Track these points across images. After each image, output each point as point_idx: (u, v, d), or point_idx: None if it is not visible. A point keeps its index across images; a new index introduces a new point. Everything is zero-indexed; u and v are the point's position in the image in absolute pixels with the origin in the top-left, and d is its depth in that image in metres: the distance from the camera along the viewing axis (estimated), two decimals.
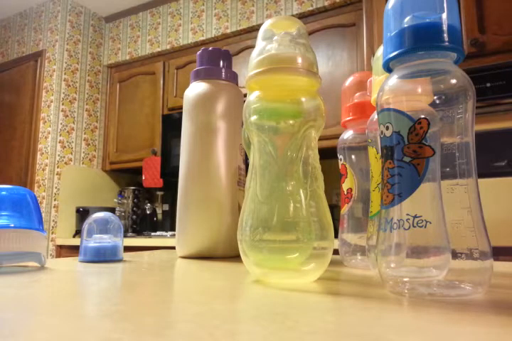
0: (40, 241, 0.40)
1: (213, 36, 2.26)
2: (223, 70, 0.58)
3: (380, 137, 0.28)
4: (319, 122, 0.33)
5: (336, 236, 0.43)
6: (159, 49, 2.43)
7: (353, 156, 0.47)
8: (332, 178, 0.86)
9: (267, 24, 0.35)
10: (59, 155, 2.32)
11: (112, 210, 2.29)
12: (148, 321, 0.19)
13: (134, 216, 2.38)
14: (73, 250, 2.16)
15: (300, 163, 0.32)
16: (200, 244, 0.53)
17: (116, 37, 2.63)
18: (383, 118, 0.28)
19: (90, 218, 0.47)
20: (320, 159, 0.34)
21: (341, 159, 0.48)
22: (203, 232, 0.53)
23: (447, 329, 0.18)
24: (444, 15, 0.26)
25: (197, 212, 0.54)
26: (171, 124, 2.23)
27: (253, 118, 0.33)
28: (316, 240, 0.31)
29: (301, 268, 0.31)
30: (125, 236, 2.06)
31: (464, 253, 0.24)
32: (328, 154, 1.00)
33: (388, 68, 0.29)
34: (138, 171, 2.47)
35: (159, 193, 2.52)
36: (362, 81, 0.49)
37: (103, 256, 0.46)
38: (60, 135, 2.34)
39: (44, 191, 2.25)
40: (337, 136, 0.56)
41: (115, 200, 2.43)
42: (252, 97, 0.34)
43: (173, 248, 0.59)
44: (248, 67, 0.35)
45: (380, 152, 0.29)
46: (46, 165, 2.27)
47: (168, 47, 2.40)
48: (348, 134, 0.47)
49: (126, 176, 2.69)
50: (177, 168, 0.58)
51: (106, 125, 2.59)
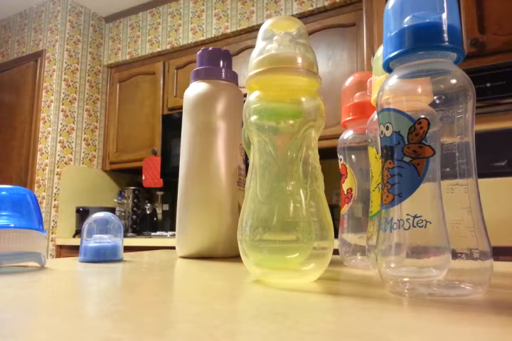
0: (40, 241, 0.40)
1: (213, 36, 2.26)
2: (223, 70, 0.58)
3: (380, 137, 0.28)
4: (319, 122, 0.33)
5: (336, 236, 0.43)
6: (159, 49, 2.43)
7: (353, 156, 0.47)
8: (332, 178, 0.86)
9: (267, 24, 0.35)
10: (59, 155, 2.32)
11: (112, 210, 2.29)
12: (148, 321, 0.19)
13: (134, 216, 2.38)
14: (73, 250, 2.17)
15: (300, 163, 0.32)
16: (200, 244, 0.53)
17: (116, 37, 2.63)
18: (383, 118, 0.28)
19: (90, 218, 0.47)
20: (320, 159, 0.34)
21: (341, 159, 0.48)
22: (203, 232, 0.53)
23: (447, 329, 0.18)
24: (444, 15, 0.26)
25: (197, 212, 0.54)
26: (171, 124, 2.23)
27: (253, 118, 0.33)
28: (316, 240, 0.31)
29: (301, 268, 0.31)
30: (125, 236, 2.06)
31: (464, 253, 0.24)
32: (328, 154, 1.00)
33: (388, 68, 0.29)
34: (138, 171, 2.47)
35: (159, 193, 2.52)
36: (362, 81, 0.49)
37: (103, 256, 0.46)
38: (60, 135, 2.34)
39: (44, 191, 2.25)
40: (337, 136, 0.56)
41: (115, 200, 2.43)
42: (252, 97, 0.34)
43: (173, 248, 0.59)
44: (248, 67, 0.35)
45: (380, 152, 0.29)
46: (46, 165, 2.27)
47: (168, 47, 2.40)
48: (348, 134, 0.47)
49: (126, 176, 2.69)
50: (177, 168, 0.58)
51: (106, 125, 2.59)
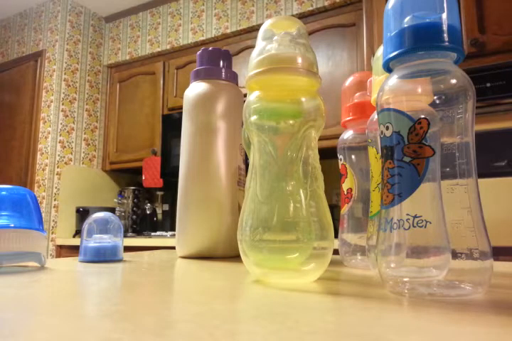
0: (40, 241, 0.40)
1: (213, 36, 2.26)
2: (223, 70, 0.58)
3: (380, 137, 0.28)
4: (319, 122, 0.33)
5: (336, 236, 0.43)
6: (159, 49, 2.43)
7: (353, 156, 0.47)
8: (332, 178, 0.86)
9: (267, 24, 0.35)
10: (59, 155, 2.32)
11: (112, 210, 2.29)
12: (148, 321, 0.19)
13: (134, 216, 2.38)
14: (73, 250, 2.17)
15: (300, 163, 0.32)
16: (200, 244, 0.53)
17: (116, 37, 2.63)
18: (383, 118, 0.28)
19: (90, 218, 0.47)
20: (320, 159, 0.34)
21: (341, 159, 0.48)
22: (203, 232, 0.53)
23: (447, 329, 0.18)
24: (444, 15, 0.26)
25: (197, 212, 0.54)
26: (171, 124, 2.23)
27: (253, 118, 0.33)
28: (316, 240, 0.31)
29: (301, 268, 0.31)
30: (125, 236, 2.06)
31: (464, 253, 0.24)
32: (328, 154, 1.00)
33: (388, 68, 0.29)
34: (138, 171, 2.47)
35: (159, 193, 2.52)
36: (362, 81, 0.49)
37: (103, 256, 0.46)
38: (60, 135, 2.34)
39: (44, 191, 2.25)
40: (337, 136, 0.56)
41: (115, 200, 2.43)
42: (252, 97, 0.34)
43: (173, 248, 0.59)
44: (248, 67, 0.35)
45: (380, 152, 0.29)
46: (46, 165, 2.27)
47: (168, 47, 2.40)
48: (348, 134, 0.47)
49: (126, 176, 2.69)
50: (177, 168, 0.58)
51: (106, 125, 2.59)
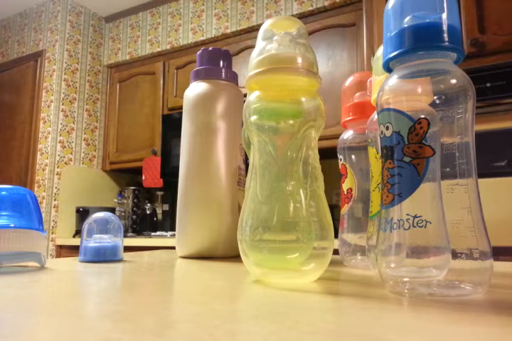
0: (40, 241, 0.40)
1: (213, 36, 2.26)
2: (223, 70, 0.58)
3: (380, 137, 0.28)
4: (319, 122, 0.33)
5: (336, 236, 0.43)
6: (159, 49, 2.43)
7: (353, 156, 0.47)
8: (332, 178, 0.86)
9: (267, 24, 0.35)
10: (59, 155, 2.32)
11: (112, 210, 2.29)
12: (148, 321, 0.19)
13: (134, 216, 2.38)
14: (73, 250, 2.17)
15: (300, 163, 0.32)
16: (200, 244, 0.53)
17: (116, 37, 2.63)
18: (383, 118, 0.28)
19: (90, 218, 0.47)
20: (320, 159, 0.34)
21: (341, 159, 0.48)
22: (203, 232, 0.53)
23: (447, 329, 0.18)
24: (444, 15, 0.26)
25: (197, 212, 0.54)
26: (171, 124, 2.23)
27: (253, 118, 0.33)
28: (316, 240, 0.31)
29: (301, 268, 0.31)
30: (125, 236, 2.06)
31: (464, 253, 0.24)
32: (328, 154, 1.00)
33: (388, 68, 0.29)
34: (138, 171, 2.47)
35: (159, 193, 2.52)
36: (362, 81, 0.49)
37: (103, 256, 0.46)
38: (60, 135, 2.34)
39: (44, 191, 2.25)
40: (337, 136, 0.56)
41: (115, 200, 2.43)
42: (252, 97, 0.34)
43: (173, 248, 0.59)
44: (248, 67, 0.35)
45: (380, 152, 0.29)
46: (46, 165, 2.27)
47: (168, 47, 2.40)
48: (348, 134, 0.47)
49: (126, 176, 2.69)
50: (177, 168, 0.58)
51: (106, 125, 2.59)
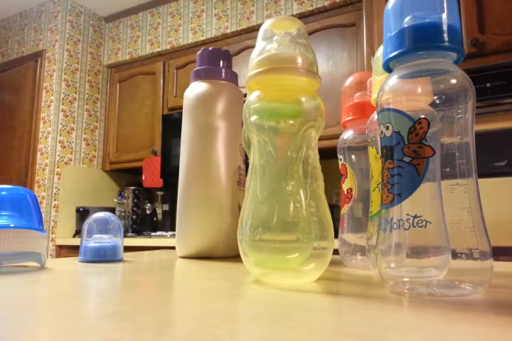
0: (40, 241, 0.40)
1: (213, 36, 2.26)
2: (223, 70, 0.58)
3: (380, 137, 0.28)
4: (319, 122, 0.33)
5: (336, 236, 0.43)
6: (159, 49, 2.43)
7: (353, 156, 0.47)
8: (332, 178, 0.86)
9: (267, 24, 0.35)
10: (59, 155, 2.32)
11: (112, 210, 2.29)
12: (148, 321, 0.19)
13: (134, 216, 2.38)
14: (73, 250, 2.16)
15: (300, 163, 0.32)
16: (200, 244, 0.53)
17: (116, 37, 2.63)
18: (383, 118, 0.28)
19: (90, 218, 0.47)
20: (320, 159, 0.34)
21: (341, 159, 0.48)
22: (203, 232, 0.53)
23: (447, 329, 0.18)
24: (444, 15, 0.26)
25: (197, 212, 0.54)
26: (171, 124, 2.23)
27: (253, 118, 0.33)
28: (316, 240, 0.31)
29: (301, 268, 0.31)
30: (125, 236, 2.06)
31: (464, 253, 0.24)
32: (328, 154, 1.00)
33: (388, 68, 0.29)
34: (138, 171, 2.47)
35: (159, 193, 2.52)
36: (362, 81, 0.49)
37: (103, 256, 0.46)
38: (60, 135, 2.34)
39: (44, 191, 2.25)
40: (337, 136, 0.56)
41: (115, 200, 2.43)
42: (252, 97, 0.34)
43: (173, 248, 0.59)
44: (248, 67, 0.35)
45: (380, 152, 0.29)
46: (46, 165, 2.27)
47: (168, 47, 2.40)
48: (348, 134, 0.47)
49: (126, 176, 2.69)
50: (177, 168, 0.58)
51: (106, 125, 2.59)
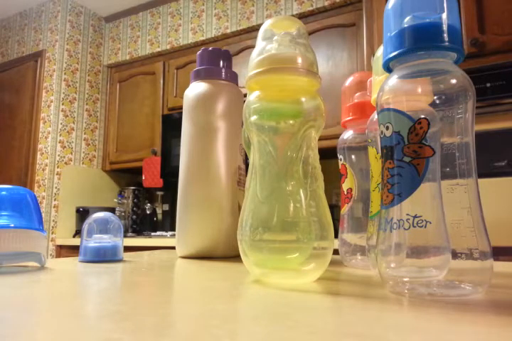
0: (40, 241, 0.40)
1: (213, 36, 2.26)
2: (223, 70, 0.58)
3: (380, 137, 0.28)
4: (319, 122, 0.33)
5: (336, 236, 0.43)
6: (159, 49, 2.43)
7: (353, 156, 0.47)
8: (332, 178, 0.86)
9: (267, 24, 0.35)
10: (59, 155, 2.32)
11: (112, 210, 2.29)
12: (148, 321, 0.19)
13: (134, 216, 2.38)
14: (73, 250, 2.16)
15: (300, 163, 0.32)
16: (200, 244, 0.53)
17: (116, 37, 2.63)
18: (383, 118, 0.28)
19: (90, 218, 0.47)
20: (320, 159, 0.34)
21: (341, 159, 0.48)
22: (203, 232, 0.53)
23: (447, 329, 0.18)
24: (444, 15, 0.26)
25: (197, 212, 0.54)
26: (171, 124, 2.23)
27: (253, 118, 0.33)
28: (316, 240, 0.31)
29: (301, 268, 0.31)
30: (125, 236, 2.06)
31: (464, 253, 0.24)
32: (328, 154, 1.00)
33: (388, 68, 0.29)
34: (138, 171, 2.47)
35: (159, 193, 2.52)
36: (362, 81, 0.49)
37: (103, 256, 0.46)
38: (60, 135, 2.34)
39: (44, 191, 2.25)
40: (337, 136, 0.56)
41: (115, 200, 2.43)
42: (252, 97, 0.34)
43: (173, 248, 0.59)
44: (248, 67, 0.35)
45: (380, 152, 0.29)
46: (46, 165, 2.27)
47: (168, 47, 2.40)
48: (348, 134, 0.47)
49: (126, 176, 2.69)
50: (177, 168, 0.58)
51: (106, 125, 2.59)
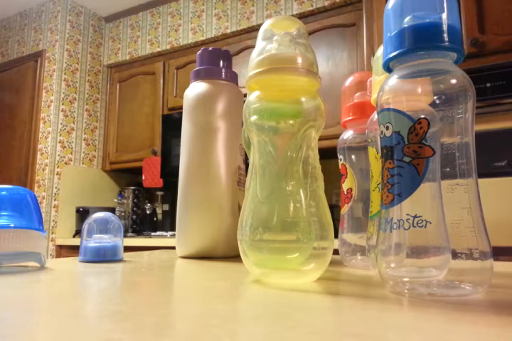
0: (40, 241, 0.40)
1: (213, 36, 2.26)
2: (223, 70, 0.58)
3: (380, 137, 0.28)
4: (319, 122, 0.33)
5: (336, 236, 0.43)
6: (159, 49, 2.43)
7: (353, 156, 0.47)
8: (332, 178, 0.86)
9: (267, 24, 0.35)
10: (59, 155, 2.32)
11: (112, 210, 2.29)
12: (148, 321, 0.19)
13: (134, 216, 2.38)
14: (73, 250, 2.16)
15: (300, 163, 0.32)
16: (200, 244, 0.53)
17: (116, 37, 2.63)
18: (383, 118, 0.28)
19: (90, 218, 0.47)
20: (320, 159, 0.34)
21: (341, 159, 0.48)
22: (203, 232, 0.53)
23: (447, 329, 0.18)
24: (444, 15, 0.26)
25: (197, 212, 0.54)
26: (171, 124, 2.23)
27: (253, 118, 0.33)
28: (316, 240, 0.31)
29: (301, 268, 0.31)
30: (125, 236, 2.06)
31: (464, 253, 0.24)
32: (328, 154, 1.00)
33: (388, 68, 0.29)
34: (138, 171, 2.47)
35: (159, 193, 2.52)
36: (362, 81, 0.49)
37: (103, 256, 0.46)
38: (60, 135, 2.34)
39: (44, 191, 2.25)
40: (337, 136, 0.56)
41: (115, 200, 2.43)
42: (252, 97, 0.34)
43: (173, 248, 0.59)
44: (248, 67, 0.35)
45: (380, 152, 0.29)
46: (46, 165, 2.27)
47: (168, 47, 2.40)
48: (348, 134, 0.47)
49: (126, 176, 2.69)
50: (177, 168, 0.58)
51: (106, 125, 2.59)
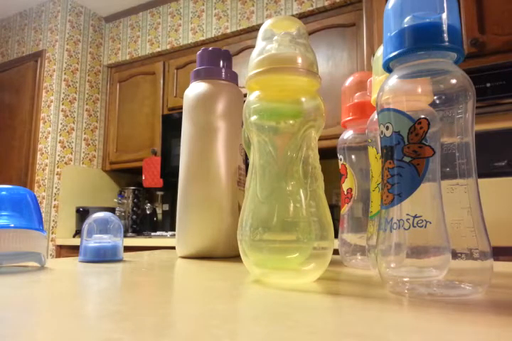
0: (40, 241, 0.40)
1: (213, 36, 2.26)
2: (223, 70, 0.58)
3: (380, 137, 0.28)
4: (319, 122, 0.33)
5: (336, 236, 0.43)
6: (159, 49, 2.43)
7: (353, 156, 0.47)
8: (332, 178, 0.86)
9: (267, 24, 0.35)
10: (59, 155, 2.32)
11: (112, 210, 2.29)
12: (148, 321, 0.19)
13: (134, 216, 2.38)
14: (73, 250, 2.16)
15: (300, 163, 0.32)
16: (200, 244, 0.53)
17: (116, 37, 2.63)
18: (383, 118, 0.28)
19: (90, 218, 0.47)
20: (320, 159, 0.34)
21: (341, 159, 0.48)
22: (203, 232, 0.53)
23: (447, 329, 0.18)
24: (444, 15, 0.26)
25: (197, 212, 0.54)
26: (171, 124, 2.23)
27: (253, 118, 0.33)
28: (316, 240, 0.31)
29: (301, 268, 0.31)
30: (125, 236, 2.06)
31: (464, 253, 0.24)
32: (328, 154, 1.00)
33: (388, 68, 0.29)
34: (138, 171, 2.47)
35: (159, 193, 2.52)
36: (362, 81, 0.49)
37: (103, 256, 0.46)
38: (60, 135, 2.34)
39: (44, 191, 2.25)
40: (337, 136, 0.56)
41: (115, 200, 2.43)
42: (252, 97, 0.34)
43: (173, 248, 0.59)
44: (248, 67, 0.35)
45: (380, 152, 0.29)
46: (46, 165, 2.27)
47: (168, 47, 2.40)
48: (348, 134, 0.47)
49: (126, 176, 2.69)
50: (177, 168, 0.58)
51: (106, 125, 2.59)
